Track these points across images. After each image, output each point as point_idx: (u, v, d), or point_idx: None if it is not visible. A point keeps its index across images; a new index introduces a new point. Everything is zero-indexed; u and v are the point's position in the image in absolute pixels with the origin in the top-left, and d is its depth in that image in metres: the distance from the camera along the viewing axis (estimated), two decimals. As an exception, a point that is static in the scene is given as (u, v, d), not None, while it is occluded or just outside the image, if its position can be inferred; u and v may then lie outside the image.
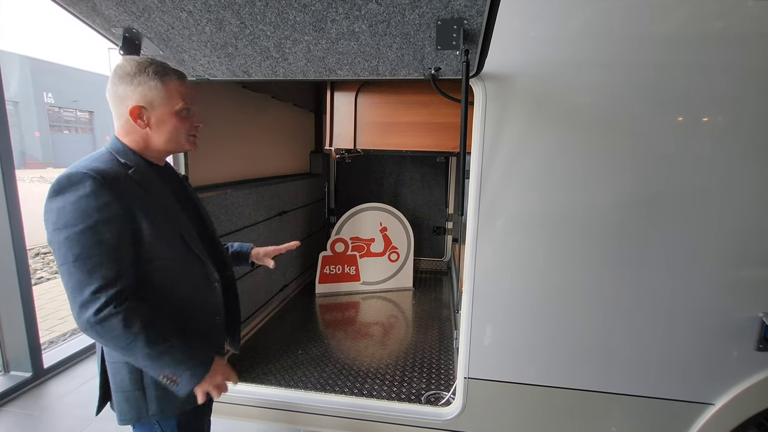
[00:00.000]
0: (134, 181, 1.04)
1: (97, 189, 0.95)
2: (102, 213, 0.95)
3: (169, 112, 1.09)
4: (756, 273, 1.46)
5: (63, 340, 3.50)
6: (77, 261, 0.93)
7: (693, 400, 1.58)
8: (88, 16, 1.25)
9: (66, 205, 0.94)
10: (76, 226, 0.93)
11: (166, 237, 1.07)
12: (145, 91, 1.06)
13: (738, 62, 1.35)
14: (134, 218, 1.01)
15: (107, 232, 0.95)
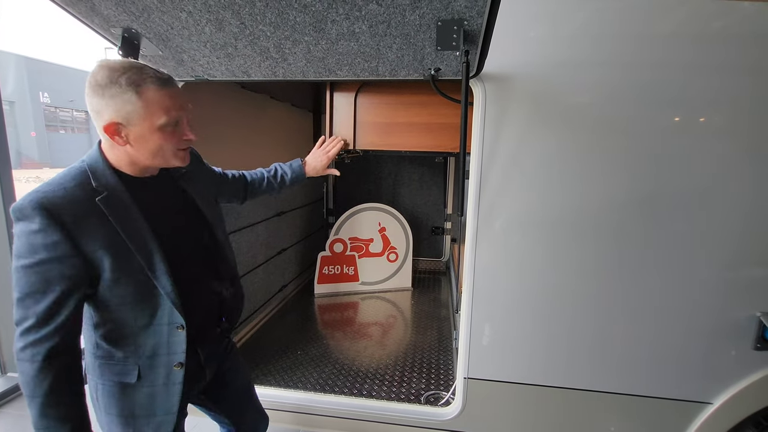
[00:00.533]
0: (100, 210, 0.93)
1: (46, 226, 0.87)
2: (49, 251, 0.87)
3: (150, 127, 0.95)
4: (753, 272, 1.47)
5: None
6: (20, 294, 0.89)
7: (691, 399, 1.59)
8: (87, 17, 1.25)
9: (19, 236, 0.88)
10: (24, 260, 0.88)
11: (125, 275, 0.97)
12: (118, 105, 0.92)
13: (734, 63, 1.36)
14: (92, 256, 0.92)
15: (54, 270, 0.88)
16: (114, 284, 0.96)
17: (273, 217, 2.99)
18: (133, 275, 0.98)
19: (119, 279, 0.96)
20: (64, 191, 0.91)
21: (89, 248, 0.91)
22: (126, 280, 0.97)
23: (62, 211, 0.88)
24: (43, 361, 0.89)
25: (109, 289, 0.97)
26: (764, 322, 1.46)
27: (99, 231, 0.92)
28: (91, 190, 0.94)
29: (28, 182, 16.76)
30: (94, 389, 1.08)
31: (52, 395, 0.90)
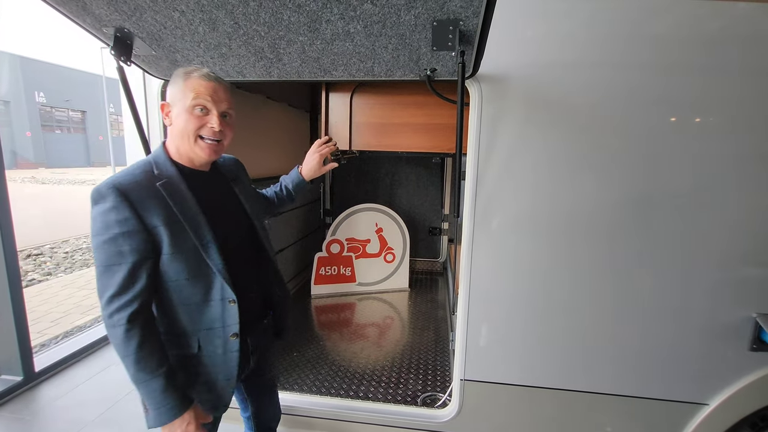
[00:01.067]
0: (161, 193, 1.08)
1: (118, 204, 1.02)
2: (121, 226, 1.02)
3: (182, 107, 1.10)
4: (750, 274, 1.47)
5: (55, 343, 3.45)
6: (100, 267, 1.03)
7: (687, 400, 1.59)
8: (78, 16, 1.23)
9: (96, 216, 1.04)
10: (101, 236, 1.03)
11: (182, 252, 1.09)
12: (172, 89, 1.12)
13: (728, 63, 1.36)
14: (154, 232, 1.06)
15: (126, 244, 1.03)
16: (172, 259, 1.08)
17: (270, 217, 2.97)
18: (188, 252, 1.10)
19: (176, 254, 1.08)
20: (132, 176, 1.07)
21: (152, 224, 1.05)
22: (181, 257, 1.09)
23: (130, 191, 1.04)
24: (127, 323, 1.02)
25: (168, 264, 1.09)
26: (760, 323, 1.46)
27: (159, 210, 1.07)
28: (154, 176, 1.10)
29: (23, 182, 16.65)
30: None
31: (141, 350, 1.03)
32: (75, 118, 25.67)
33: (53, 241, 7.31)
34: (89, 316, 4.08)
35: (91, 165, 27.05)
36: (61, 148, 24.71)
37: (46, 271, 5.71)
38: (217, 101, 1.13)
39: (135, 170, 1.10)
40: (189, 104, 1.10)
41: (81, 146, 26.41)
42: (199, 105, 1.10)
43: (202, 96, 1.10)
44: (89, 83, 24.92)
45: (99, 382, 2.77)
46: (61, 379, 2.81)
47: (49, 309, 4.27)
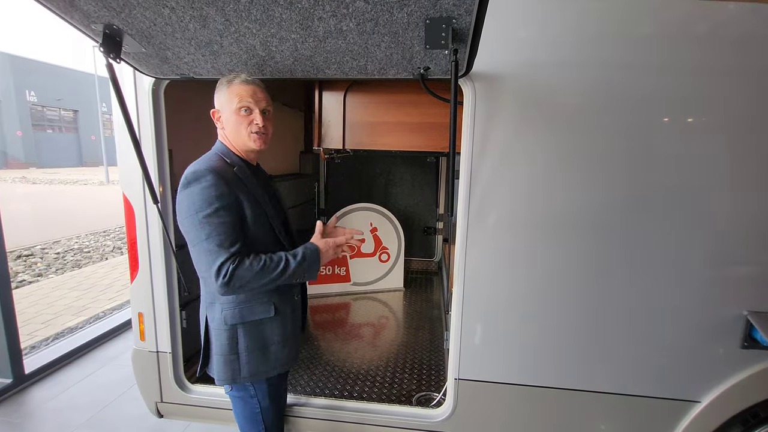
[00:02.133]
0: (237, 176, 1.28)
1: (216, 181, 1.19)
2: (221, 200, 1.19)
3: (230, 110, 1.30)
4: (740, 272, 1.48)
5: (45, 344, 3.41)
6: (209, 238, 1.18)
7: (680, 398, 1.59)
8: (66, 12, 1.21)
9: (193, 194, 1.19)
10: (204, 210, 1.18)
11: (259, 223, 1.29)
12: (219, 97, 1.32)
13: (719, 64, 1.37)
14: (240, 205, 1.25)
15: (226, 215, 1.20)
16: (252, 226, 1.28)
17: None
18: (262, 222, 1.30)
19: (255, 225, 1.28)
20: (215, 162, 1.25)
21: (240, 198, 1.25)
22: (257, 227, 1.29)
23: (221, 172, 1.22)
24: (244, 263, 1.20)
25: (252, 231, 1.28)
26: (751, 320, 1.47)
27: (240, 188, 1.27)
28: (227, 164, 1.30)
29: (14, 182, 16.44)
30: (233, 337, 1.34)
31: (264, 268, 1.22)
32: (67, 118, 25.40)
33: (44, 241, 7.23)
34: (81, 317, 4.04)
35: (83, 165, 26.78)
36: (53, 148, 24.44)
37: (37, 272, 5.64)
38: (257, 101, 1.31)
39: (212, 158, 1.28)
40: (235, 107, 1.29)
41: (73, 146, 26.15)
42: (244, 107, 1.29)
43: (244, 99, 1.29)
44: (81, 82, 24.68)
45: (90, 385, 2.74)
46: (51, 381, 2.78)
47: (39, 310, 4.22)
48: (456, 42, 1.20)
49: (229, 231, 1.20)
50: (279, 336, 1.40)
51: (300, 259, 1.29)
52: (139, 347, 1.91)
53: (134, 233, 1.82)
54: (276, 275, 1.24)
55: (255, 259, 1.22)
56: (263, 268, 1.22)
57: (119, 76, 1.50)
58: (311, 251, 1.33)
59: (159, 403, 1.94)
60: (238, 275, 1.19)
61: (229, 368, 1.35)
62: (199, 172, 1.21)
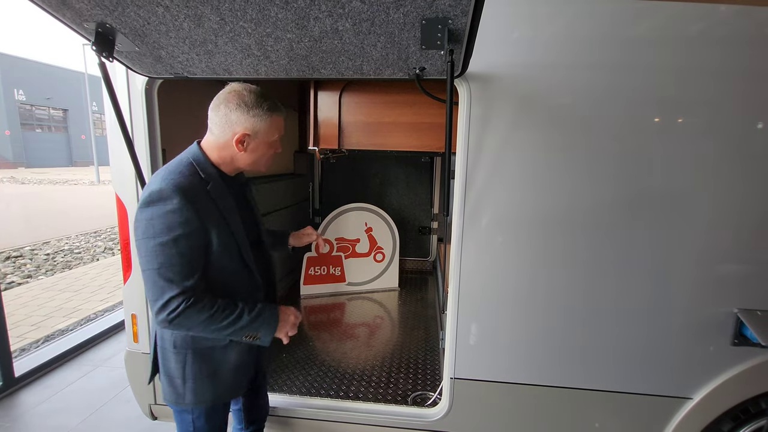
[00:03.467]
0: (210, 196, 1.17)
1: (182, 205, 1.07)
2: (184, 227, 1.08)
3: (266, 141, 1.23)
4: (730, 270, 1.50)
5: (35, 347, 3.36)
6: (161, 268, 1.07)
7: (672, 395, 1.62)
8: (58, 10, 1.19)
9: (154, 217, 1.07)
10: (162, 237, 1.06)
11: (227, 250, 1.19)
12: (256, 123, 1.19)
13: (712, 65, 1.39)
14: (206, 232, 1.13)
15: (186, 245, 1.08)
16: (218, 255, 1.17)
17: None
18: (230, 249, 1.20)
19: (222, 252, 1.17)
20: (186, 178, 1.13)
21: (207, 224, 1.13)
22: (225, 254, 1.18)
23: (190, 192, 1.10)
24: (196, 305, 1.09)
25: (216, 260, 1.17)
26: (741, 318, 1.50)
27: (211, 211, 1.15)
28: (201, 179, 1.17)
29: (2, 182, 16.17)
30: (181, 361, 1.25)
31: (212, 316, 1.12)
32: (56, 117, 25.05)
33: (33, 242, 7.12)
34: (72, 319, 3.99)
35: (73, 164, 26.43)
36: (42, 147, 24.09)
37: (26, 273, 5.56)
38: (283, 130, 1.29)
39: (183, 171, 1.15)
40: (273, 140, 1.25)
41: (62, 145, 25.79)
42: (278, 139, 1.27)
43: (282, 132, 1.27)
44: (71, 80, 24.34)
45: (82, 387, 2.71)
46: (42, 384, 2.74)
47: (29, 312, 4.15)
48: (452, 42, 1.21)
49: (184, 263, 1.09)
50: (231, 363, 1.30)
51: (254, 316, 1.20)
52: (132, 349, 1.89)
53: (127, 234, 1.81)
54: (224, 326, 1.15)
55: (208, 303, 1.12)
56: (212, 316, 1.12)
57: (112, 75, 1.48)
58: (270, 314, 1.24)
59: (153, 405, 1.92)
60: (185, 316, 1.09)
61: (173, 391, 1.28)
62: (165, 192, 1.07)
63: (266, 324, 1.23)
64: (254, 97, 1.19)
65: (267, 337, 1.24)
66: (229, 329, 1.16)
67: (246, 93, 1.19)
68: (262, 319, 1.22)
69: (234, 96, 1.18)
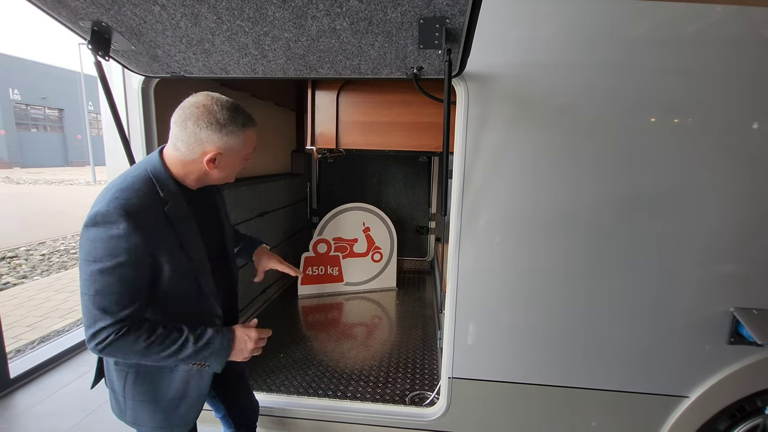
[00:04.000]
0: (167, 218, 1.06)
1: (130, 232, 0.97)
2: (129, 255, 0.98)
3: (240, 157, 1.15)
4: (727, 269, 1.51)
5: (31, 348, 3.33)
6: (96, 295, 0.98)
7: (669, 393, 1.62)
8: (53, 8, 1.18)
9: (97, 240, 0.97)
10: (102, 263, 0.97)
11: (182, 277, 1.10)
12: (229, 141, 1.09)
13: (707, 65, 1.39)
14: (157, 259, 1.04)
15: (130, 272, 0.99)
16: (171, 283, 1.08)
17: (255, 218, 2.93)
18: (185, 275, 1.10)
19: (175, 279, 1.08)
20: (139, 199, 1.02)
21: (157, 251, 1.03)
22: (177, 280, 1.09)
23: (141, 217, 0.99)
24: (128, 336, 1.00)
25: (167, 287, 1.08)
26: (737, 317, 1.50)
27: (165, 236, 1.05)
28: (159, 198, 1.06)
29: (-4, 183, 16.05)
30: (122, 378, 1.15)
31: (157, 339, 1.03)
32: (52, 116, 24.90)
33: (29, 243, 7.07)
34: (68, 319, 3.96)
35: (69, 164, 26.28)
36: (37, 147, 23.94)
37: (22, 274, 5.52)
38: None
39: (140, 188, 1.04)
40: (246, 153, 1.16)
41: (58, 145, 25.64)
42: (250, 153, 1.18)
43: (255, 144, 1.18)
44: (67, 80, 24.21)
45: (77, 389, 2.69)
46: (37, 385, 2.72)
47: (24, 313, 4.12)
48: (449, 42, 1.21)
49: (123, 292, 0.99)
50: (175, 393, 1.18)
51: (201, 345, 1.08)
52: (128, 350, 1.88)
53: (123, 234, 1.79)
54: (163, 356, 1.04)
55: (145, 332, 1.02)
56: (148, 346, 1.02)
57: (108, 74, 1.47)
58: (221, 344, 1.11)
59: (149, 406, 1.91)
60: (116, 347, 1.00)
61: (116, 406, 1.20)
62: (111, 215, 0.96)
63: (215, 354, 1.11)
64: (226, 113, 1.07)
65: (217, 365, 1.13)
66: (169, 359, 1.06)
67: (217, 109, 1.06)
68: (211, 348, 1.10)
69: (204, 113, 1.05)
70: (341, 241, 3.45)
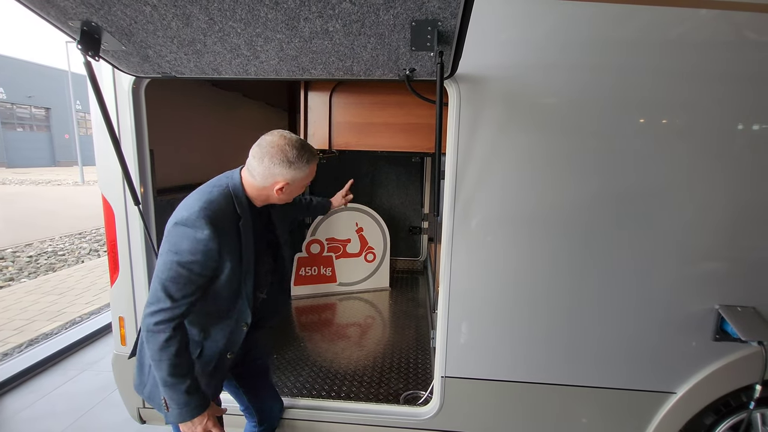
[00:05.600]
0: (237, 229, 1.25)
1: (211, 238, 1.16)
2: (204, 255, 1.17)
3: (302, 185, 1.33)
4: (712, 268, 1.55)
5: (18, 352, 3.28)
6: (167, 280, 1.15)
7: (657, 389, 1.66)
8: (42, 8, 1.17)
9: (183, 238, 1.16)
10: (182, 257, 1.15)
11: (232, 280, 1.26)
12: (296, 174, 1.27)
13: (691, 68, 1.42)
14: (223, 263, 1.22)
15: (198, 269, 1.17)
16: (223, 283, 1.25)
17: None
18: (235, 279, 1.27)
19: (227, 280, 1.25)
20: (221, 211, 1.22)
21: (225, 256, 1.22)
22: (229, 284, 1.26)
23: (220, 227, 1.19)
24: (172, 331, 1.16)
25: (218, 287, 1.25)
26: (722, 314, 1.54)
27: (233, 244, 1.24)
28: (235, 212, 1.26)
29: (-19, 183, 15.71)
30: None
31: (177, 357, 1.17)
32: (38, 116, 24.47)
33: (15, 244, 6.95)
34: (56, 322, 3.90)
35: (57, 164, 25.84)
36: (23, 147, 23.51)
37: (8, 276, 5.42)
38: None
39: (221, 201, 1.24)
40: (307, 182, 1.34)
41: (45, 145, 25.20)
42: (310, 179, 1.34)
43: (314, 173, 1.33)
44: (54, 78, 23.80)
45: (68, 392, 2.66)
46: (26, 389, 2.68)
47: (11, 316, 4.05)
48: (441, 44, 1.22)
49: (188, 283, 1.17)
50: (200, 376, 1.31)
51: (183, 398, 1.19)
52: (119, 352, 1.87)
53: (114, 235, 1.78)
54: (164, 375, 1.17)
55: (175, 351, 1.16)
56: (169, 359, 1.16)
57: (98, 74, 1.46)
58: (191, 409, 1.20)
59: (141, 409, 1.90)
60: (157, 334, 1.15)
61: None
62: (199, 222, 1.16)
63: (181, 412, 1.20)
64: (296, 152, 1.25)
65: (171, 419, 1.23)
66: (162, 381, 1.18)
67: (289, 149, 1.24)
68: (184, 407, 1.20)
69: (278, 152, 1.23)
70: (334, 241, 3.45)
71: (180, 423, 1.22)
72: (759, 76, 1.41)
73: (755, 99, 1.43)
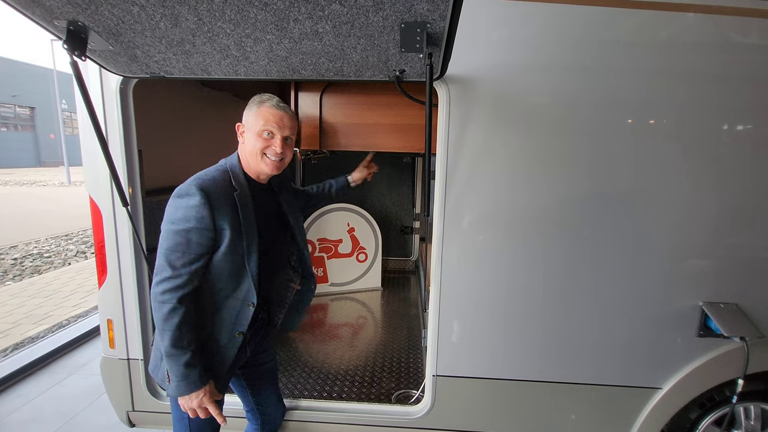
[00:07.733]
0: (234, 201, 1.29)
1: (201, 203, 1.22)
2: (197, 222, 1.22)
3: (254, 131, 1.33)
4: (695, 265, 1.58)
5: (4, 355, 3.22)
6: (167, 250, 1.22)
7: (643, 385, 1.69)
8: (27, 7, 1.15)
9: (178, 207, 1.23)
10: (177, 225, 1.22)
11: (232, 253, 1.29)
12: (248, 115, 1.35)
13: (677, 70, 1.46)
14: (220, 232, 1.26)
15: (195, 236, 1.22)
16: (222, 256, 1.28)
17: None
18: (236, 253, 1.30)
19: (227, 254, 1.28)
20: (215, 182, 1.27)
21: (221, 226, 1.26)
22: (230, 257, 1.29)
23: (212, 194, 1.24)
24: (176, 302, 1.20)
25: (218, 260, 1.28)
26: (706, 311, 1.58)
27: (229, 215, 1.27)
28: (230, 185, 1.31)
29: (-36, 184, 15.34)
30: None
31: (180, 328, 1.21)
32: (23, 115, 23.98)
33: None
34: (43, 325, 3.84)
35: (42, 165, 25.36)
36: (7, 147, 23.02)
37: (-7, 278, 5.32)
38: (281, 127, 1.33)
39: (216, 175, 1.30)
40: (259, 129, 1.32)
41: (30, 145, 24.71)
42: (267, 130, 1.32)
43: (269, 123, 1.31)
44: (39, 77, 23.34)
45: (55, 395, 2.62)
46: (13, 393, 2.63)
47: (-4, 319, 3.98)
48: (431, 46, 1.23)
49: (187, 252, 1.22)
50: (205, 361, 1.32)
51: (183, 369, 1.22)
52: (108, 355, 1.84)
53: (102, 236, 1.76)
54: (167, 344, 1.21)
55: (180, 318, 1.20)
56: (173, 328, 1.20)
57: (84, 74, 1.44)
58: (190, 383, 1.24)
59: (130, 412, 1.88)
60: (159, 307, 1.20)
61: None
62: (191, 189, 1.22)
63: (180, 386, 1.24)
64: (257, 96, 1.33)
65: (171, 392, 1.27)
66: (166, 351, 1.22)
67: (256, 96, 1.33)
68: (184, 380, 1.23)
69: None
70: (326, 241, 3.45)
71: (178, 396, 1.26)
72: (743, 77, 1.45)
73: (740, 100, 1.47)
